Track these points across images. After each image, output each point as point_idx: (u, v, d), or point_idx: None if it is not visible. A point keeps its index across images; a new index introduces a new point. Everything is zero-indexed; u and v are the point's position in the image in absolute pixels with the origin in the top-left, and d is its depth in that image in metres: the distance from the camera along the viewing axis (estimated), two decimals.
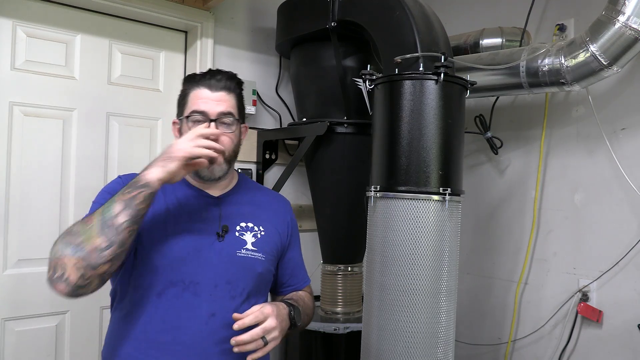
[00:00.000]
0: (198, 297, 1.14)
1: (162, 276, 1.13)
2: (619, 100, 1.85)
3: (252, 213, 1.28)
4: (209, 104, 1.20)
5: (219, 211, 1.23)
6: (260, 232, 1.26)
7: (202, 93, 1.21)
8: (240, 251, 1.21)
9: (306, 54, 2.03)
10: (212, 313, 1.14)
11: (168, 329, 1.13)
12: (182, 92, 1.27)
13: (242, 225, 1.24)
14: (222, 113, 1.20)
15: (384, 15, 1.64)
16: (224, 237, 1.20)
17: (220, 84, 1.22)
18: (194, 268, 1.15)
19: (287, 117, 2.39)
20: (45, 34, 1.88)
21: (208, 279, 1.16)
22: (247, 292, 1.20)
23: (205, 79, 1.23)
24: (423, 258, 1.43)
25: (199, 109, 1.20)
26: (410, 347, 1.43)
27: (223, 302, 1.16)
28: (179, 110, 1.27)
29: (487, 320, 2.27)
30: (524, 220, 2.14)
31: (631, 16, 1.49)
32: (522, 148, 2.16)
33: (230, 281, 1.18)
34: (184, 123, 1.22)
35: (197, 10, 2.11)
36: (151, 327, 1.13)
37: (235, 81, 1.27)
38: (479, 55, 1.93)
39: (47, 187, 1.87)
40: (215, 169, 1.19)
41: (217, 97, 1.21)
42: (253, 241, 1.23)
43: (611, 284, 1.85)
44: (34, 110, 1.85)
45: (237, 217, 1.25)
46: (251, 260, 1.22)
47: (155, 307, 1.13)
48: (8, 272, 1.80)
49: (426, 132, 1.46)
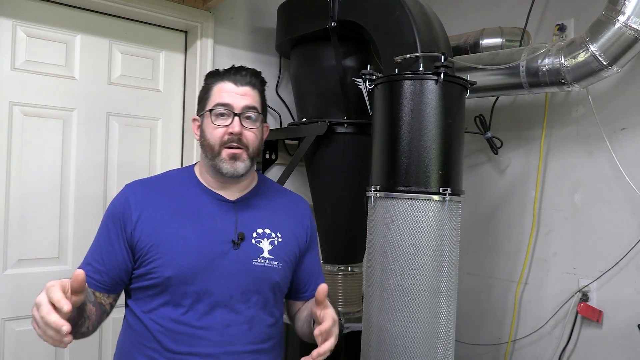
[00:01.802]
0: (213, 308, 1.12)
1: (176, 287, 1.10)
2: (619, 100, 1.85)
3: (269, 218, 1.23)
4: (233, 97, 1.16)
5: (235, 217, 1.19)
6: (277, 239, 1.21)
7: (226, 87, 1.17)
8: (257, 260, 1.17)
9: (306, 54, 2.03)
10: (227, 324, 1.12)
11: (183, 340, 1.10)
12: (204, 87, 1.23)
13: (259, 232, 1.20)
14: (246, 107, 1.16)
15: (384, 15, 1.64)
16: (240, 245, 1.16)
17: (246, 79, 1.18)
18: (208, 278, 1.12)
19: (287, 117, 2.39)
20: (45, 34, 1.88)
21: (223, 290, 1.12)
22: (263, 302, 1.18)
23: (230, 73, 1.19)
24: (423, 258, 1.43)
25: (223, 101, 1.15)
26: (410, 347, 1.43)
27: (238, 313, 1.14)
28: (200, 106, 1.22)
29: (487, 320, 2.27)
30: (524, 220, 2.14)
31: (631, 16, 1.49)
32: (522, 148, 2.16)
33: (246, 291, 1.15)
34: (206, 117, 1.18)
35: (197, 10, 2.11)
36: (165, 337, 1.10)
37: (260, 79, 1.23)
38: (479, 55, 1.93)
39: (47, 187, 1.87)
40: (239, 165, 1.15)
41: (242, 92, 1.17)
42: (270, 249, 1.19)
43: (611, 284, 1.85)
44: (34, 110, 1.85)
45: (254, 223, 1.20)
46: (268, 269, 1.17)
47: (169, 318, 1.11)
48: (8, 272, 1.80)
49: (426, 132, 1.46)
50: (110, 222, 1.15)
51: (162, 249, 1.11)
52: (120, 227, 1.14)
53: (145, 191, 1.18)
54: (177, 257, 1.11)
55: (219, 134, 1.15)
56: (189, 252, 1.11)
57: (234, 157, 1.13)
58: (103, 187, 1.99)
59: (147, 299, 1.13)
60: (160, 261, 1.10)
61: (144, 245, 1.12)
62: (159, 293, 1.11)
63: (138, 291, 1.15)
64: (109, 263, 1.13)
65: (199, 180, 1.22)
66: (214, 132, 1.15)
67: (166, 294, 1.11)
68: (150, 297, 1.13)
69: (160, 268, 1.10)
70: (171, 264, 1.10)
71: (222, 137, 1.15)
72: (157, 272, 1.10)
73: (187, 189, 1.20)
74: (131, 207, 1.14)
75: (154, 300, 1.12)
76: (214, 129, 1.15)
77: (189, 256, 1.11)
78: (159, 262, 1.10)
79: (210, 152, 1.16)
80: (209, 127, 1.16)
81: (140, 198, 1.16)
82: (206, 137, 1.17)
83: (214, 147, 1.15)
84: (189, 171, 1.25)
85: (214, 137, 1.15)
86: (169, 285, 1.10)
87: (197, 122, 1.23)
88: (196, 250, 1.12)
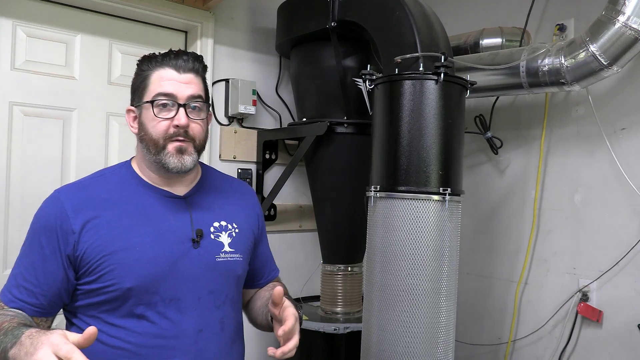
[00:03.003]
0: (182, 314, 1.04)
1: (138, 299, 1.00)
2: (619, 100, 1.85)
3: (223, 210, 1.16)
4: (176, 86, 1.04)
5: (189, 213, 1.10)
6: (234, 230, 1.15)
7: (167, 74, 1.05)
8: (219, 255, 1.10)
9: (306, 54, 2.03)
10: (200, 329, 1.05)
11: (151, 355, 1.01)
12: (138, 73, 1.09)
13: (216, 226, 1.12)
14: (192, 96, 1.05)
15: (384, 15, 1.64)
16: (200, 242, 1.08)
17: (188, 65, 1.06)
18: (172, 284, 1.03)
19: (287, 117, 2.39)
20: (45, 34, 1.88)
21: (190, 293, 1.05)
22: (230, 298, 1.13)
23: (170, 58, 1.06)
24: (423, 258, 1.43)
25: (165, 91, 1.03)
26: (410, 347, 1.43)
27: (209, 315, 1.07)
28: (137, 96, 1.08)
29: (487, 320, 2.27)
30: (524, 220, 2.14)
31: (631, 16, 1.49)
32: (522, 148, 2.16)
33: (213, 290, 1.08)
34: (146, 109, 1.05)
35: (197, 10, 2.11)
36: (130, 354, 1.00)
37: (203, 64, 1.11)
38: (479, 55, 1.93)
39: (47, 187, 1.85)
40: (186, 160, 1.05)
41: (185, 79, 1.05)
42: (229, 242, 1.13)
43: (611, 284, 1.85)
44: (34, 110, 1.85)
45: (210, 216, 1.13)
46: (231, 263, 1.12)
47: (133, 333, 1.01)
48: (8, 272, 1.79)
49: (426, 132, 1.46)
50: (43, 236, 1.01)
51: (117, 258, 1.00)
52: (56, 241, 1.00)
53: (82, 196, 1.04)
54: (135, 265, 1.00)
55: (162, 127, 1.04)
56: (148, 258, 1.01)
57: (180, 151, 1.04)
58: None
59: (103, 315, 1.01)
60: (116, 272, 0.99)
61: (92, 258, 1.00)
62: (118, 307, 1.01)
63: (89, 308, 1.03)
64: (45, 284, 1.00)
65: (140, 177, 1.10)
66: (157, 126, 1.04)
67: (127, 306, 1.01)
68: (106, 312, 1.01)
69: (118, 280, 0.99)
70: (130, 273, 0.99)
71: (166, 130, 1.04)
72: (115, 285, 0.99)
73: (130, 188, 1.08)
74: (69, 216, 1.00)
75: (111, 315, 1.01)
76: (157, 122, 1.04)
77: (149, 262, 1.01)
78: (114, 273, 0.99)
79: (153, 146, 1.04)
80: (150, 120, 1.04)
81: (78, 204, 1.02)
82: (147, 131, 1.05)
83: (158, 141, 1.04)
84: (127, 168, 1.13)
85: (157, 130, 1.04)
86: (129, 297, 1.00)
87: (133, 114, 1.09)
88: (155, 255, 1.02)
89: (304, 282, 2.32)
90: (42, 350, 0.76)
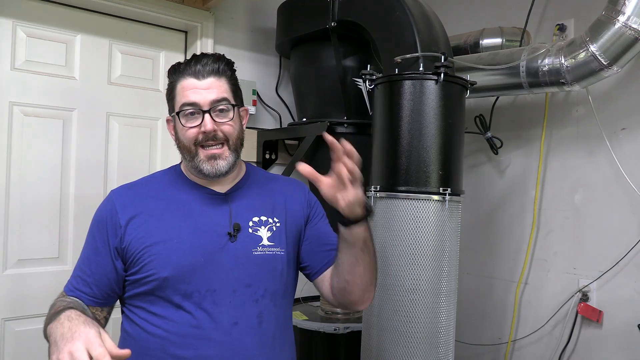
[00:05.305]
0: (217, 306, 1.06)
1: (175, 289, 1.05)
2: (619, 100, 1.85)
3: (264, 205, 1.17)
4: (198, 93, 1.08)
5: (229, 208, 1.13)
6: (275, 224, 1.15)
7: (188, 83, 1.09)
8: (257, 249, 1.11)
9: (306, 54, 2.03)
10: (235, 322, 1.06)
11: (189, 344, 1.04)
12: (168, 85, 1.15)
13: (255, 220, 1.13)
14: (214, 101, 1.08)
15: (384, 15, 1.64)
16: (237, 236, 1.10)
17: (207, 69, 1.09)
18: (208, 275, 1.06)
19: (287, 117, 2.39)
20: (45, 34, 1.88)
21: (225, 285, 1.07)
22: (272, 292, 1.12)
23: (190, 66, 1.10)
24: (423, 258, 1.43)
25: (188, 100, 1.08)
26: (410, 347, 1.43)
27: (245, 308, 1.08)
28: (170, 106, 1.15)
29: (487, 320, 2.27)
30: (524, 220, 2.14)
31: (631, 16, 1.49)
32: (522, 148, 2.16)
33: (250, 284, 1.09)
34: (176, 120, 1.11)
35: (197, 10, 2.11)
36: (169, 342, 1.05)
37: (225, 62, 1.12)
38: (479, 55, 1.93)
39: (47, 187, 1.87)
40: (220, 164, 1.09)
41: (206, 85, 1.09)
42: (269, 235, 1.13)
43: (611, 284, 1.85)
44: (34, 110, 1.85)
45: (249, 212, 1.14)
46: (270, 257, 1.12)
47: (172, 322, 1.05)
48: (8, 272, 1.80)
49: (426, 132, 1.46)
50: (96, 230, 1.10)
51: (156, 249, 1.06)
52: (106, 234, 1.09)
53: (131, 195, 1.13)
54: (172, 256, 1.05)
55: (192, 135, 1.09)
56: (185, 249, 1.06)
57: (213, 157, 1.08)
58: (103, 187, 1.99)
59: (146, 304, 1.08)
60: (155, 262, 1.05)
61: (135, 249, 1.06)
62: (159, 297, 1.06)
63: (135, 298, 1.10)
64: (97, 273, 1.08)
65: (186, 176, 1.16)
66: (187, 134, 1.09)
67: (165, 296, 1.06)
68: (149, 302, 1.08)
69: (156, 270, 1.05)
70: (167, 263, 1.05)
71: (195, 137, 1.08)
72: (154, 275, 1.05)
73: (176, 187, 1.14)
74: (118, 212, 1.09)
75: (153, 305, 1.07)
76: (186, 130, 1.09)
77: (185, 254, 1.06)
78: (153, 264, 1.05)
79: (187, 153, 1.11)
80: (180, 129, 1.10)
81: (128, 202, 1.11)
82: (180, 140, 1.12)
83: (190, 148, 1.10)
84: (176, 170, 1.20)
85: (187, 138, 1.09)
86: (166, 287, 1.05)
87: (171, 123, 1.16)
88: (192, 246, 1.07)
89: (304, 282, 2.31)
90: (78, 342, 0.78)
